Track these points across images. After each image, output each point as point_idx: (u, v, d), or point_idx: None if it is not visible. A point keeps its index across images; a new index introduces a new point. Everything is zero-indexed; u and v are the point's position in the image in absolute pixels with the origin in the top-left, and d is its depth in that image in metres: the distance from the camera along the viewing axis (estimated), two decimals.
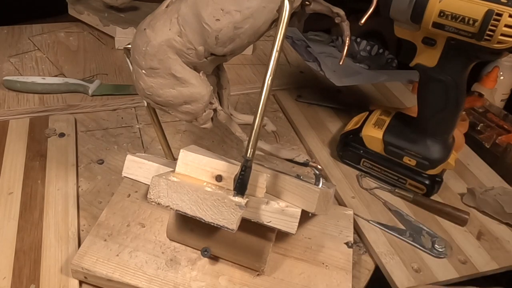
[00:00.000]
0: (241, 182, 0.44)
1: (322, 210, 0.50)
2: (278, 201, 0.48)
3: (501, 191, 0.66)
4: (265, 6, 0.44)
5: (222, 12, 0.45)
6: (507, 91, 1.04)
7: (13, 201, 0.61)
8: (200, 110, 0.51)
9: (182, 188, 0.44)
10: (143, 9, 1.04)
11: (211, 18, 0.45)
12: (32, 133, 0.72)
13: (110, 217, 0.57)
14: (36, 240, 0.56)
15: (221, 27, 0.45)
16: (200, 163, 0.48)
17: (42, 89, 0.81)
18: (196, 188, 0.44)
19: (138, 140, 0.75)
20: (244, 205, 0.43)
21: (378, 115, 0.72)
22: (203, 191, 0.44)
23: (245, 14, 0.45)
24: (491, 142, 0.79)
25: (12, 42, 0.97)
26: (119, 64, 0.93)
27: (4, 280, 0.51)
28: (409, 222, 0.64)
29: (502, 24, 0.52)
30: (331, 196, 0.56)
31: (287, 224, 0.46)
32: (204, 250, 0.51)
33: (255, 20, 0.45)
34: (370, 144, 0.70)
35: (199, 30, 0.46)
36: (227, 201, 0.43)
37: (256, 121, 0.43)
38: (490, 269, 0.59)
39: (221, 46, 0.47)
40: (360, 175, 0.71)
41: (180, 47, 0.47)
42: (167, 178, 0.45)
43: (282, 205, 0.47)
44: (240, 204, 0.43)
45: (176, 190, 0.45)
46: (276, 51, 0.43)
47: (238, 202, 0.43)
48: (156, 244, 0.55)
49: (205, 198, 0.44)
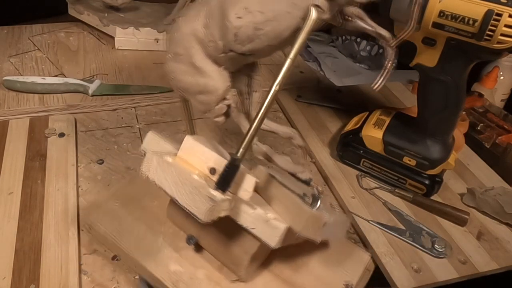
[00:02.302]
0: (223, 178, 0.44)
1: (310, 233, 0.48)
2: (268, 211, 0.47)
3: (501, 191, 0.66)
4: (290, 12, 0.43)
5: (245, 10, 0.44)
6: (507, 91, 1.04)
7: (13, 201, 0.61)
8: (212, 102, 0.51)
9: (168, 168, 0.46)
10: (143, 9, 1.04)
11: (233, 15, 0.45)
12: (32, 133, 0.72)
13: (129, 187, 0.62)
14: (36, 240, 0.56)
15: (241, 25, 0.45)
16: (200, 153, 0.48)
17: (42, 89, 0.81)
18: (181, 172, 0.45)
19: (138, 140, 0.75)
20: (220, 201, 0.43)
21: (378, 115, 0.72)
22: (187, 176, 0.45)
23: (267, 16, 0.44)
24: (491, 142, 0.79)
25: (12, 42, 0.97)
26: (119, 64, 0.93)
27: (4, 280, 0.51)
28: (409, 222, 0.64)
29: (502, 24, 0.52)
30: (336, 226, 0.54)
31: (269, 236, 0.46)
32: (190, 237, 0.52)
33: (277, 24, 0.44)
34: (370, 144, 0.70)
35: (221, 24, 0.46)
36: (202, 191, 0.43)
37: (255, 123, 0.44)
38: (490, 269, 0.59)
39: (239, 44, 0.46)
40: (360, 175, 0.71)
41: (203, 38, 0.48)
42: (161, 157, 0.47)
43: (269, 216, 0.46)
44: (213, 197, 0.42)
45: (163, 169, 0.46)
46: (289, 58, 0.42)
47: (213, 195, 0.43)
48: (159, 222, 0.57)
49: (185, 183, 0.44)
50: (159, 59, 0.96)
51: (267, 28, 0.44)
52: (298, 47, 0.42)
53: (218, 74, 0.49)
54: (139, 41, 0.97)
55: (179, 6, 0.96)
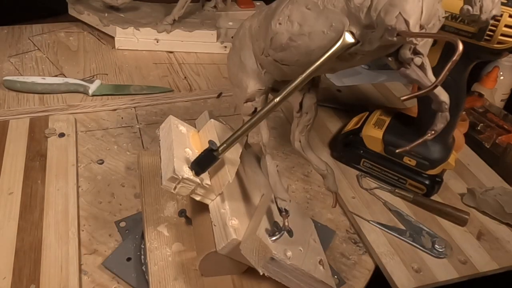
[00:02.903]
0: (197, 161, 0.47)
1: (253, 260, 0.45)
2: (235, 218, 0.48)
3: (501, 191, 0.66)
4: (325, 32, 0.41)
5: (287, 19, 0.43)
6: (507, 91, 1.04)
7: (13, 201, 0.61)
8: (241, 99, 0.51)
9: (169, 134, 0.51)
10: (143, 9, 1.04)
11: (276, 20, 0.44)
12: (32, 133, 0.72)
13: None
14: (36, 240, 0.56)
15: (277, 31, 0.44)
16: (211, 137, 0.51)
17: (42, 89, 0.81)
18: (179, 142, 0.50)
19: (138, 140, 0.75)
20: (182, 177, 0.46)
21: (378, 115, 0.72)
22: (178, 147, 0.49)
23: (303, 30, 0.42)
24: (491, 142, 0.79)
25: (12, 42, 0.97)
26: (119, 64, 0.93)
27: (4, 280, 0.51)
28: (409, 222, 0.64)
29: (502, 24, 0.52)
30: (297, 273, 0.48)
31: (219, 238, 0.47)
32: (182, 211, 0.55)
33: (310, 40, 0.42)
34: (370, 144, 0.70)
35: (267, 27, 0.46)
36: (173, 161, 0.47)
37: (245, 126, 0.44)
38: (490, 269, 0.59)
39: (273, 50, 0.46)
40: (360, 175, 0.71)
41: (254, 35, 0.49)
42: (176, 124, 0.52)
43: (231, 222, 0.47)
44: (177, 171, 0.45)
45: (168, 133, 0.51)
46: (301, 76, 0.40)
47: (177, 168, 0.46)
48: None
49: (169, 150, 0.49)
50: (159, 59, 0.96)
51: (299, 41, 0.43)
52: (315, 67, 0.39)
53: (255, 74, 0.50)
54: (139, 41, 0.97)
55: (179, 6, 0.96)
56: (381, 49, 0.38)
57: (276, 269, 0.46)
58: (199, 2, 1.08)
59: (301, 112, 0.52)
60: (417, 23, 0.34)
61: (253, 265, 0.46)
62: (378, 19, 0.35)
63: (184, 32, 0.98)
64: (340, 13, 0.39)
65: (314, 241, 0.53)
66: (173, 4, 0.98)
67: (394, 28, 0.34)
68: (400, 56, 0.37)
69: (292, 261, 0.46)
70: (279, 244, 0.46)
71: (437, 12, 0.37)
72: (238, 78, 0.51)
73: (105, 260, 0.55)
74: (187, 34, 0.98)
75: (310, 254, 0.50)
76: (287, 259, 0.45)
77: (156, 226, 0.56)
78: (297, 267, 0.46)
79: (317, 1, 0.40)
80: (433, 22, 0.37)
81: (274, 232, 0.46)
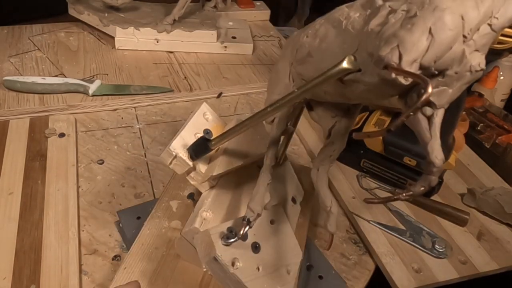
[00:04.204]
0: (192, 146, 0.50)
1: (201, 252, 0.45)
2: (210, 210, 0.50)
3: (501, 191, 0.66)
4: (337, 52, 0.38)
5: (314, 33, 0.41)
6: (507, 91, 1.04)
7: (13, 201, 0.61)
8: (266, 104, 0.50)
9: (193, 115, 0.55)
10: (143, 9, 1.04)
11: (306, 32, 0.43)
12: (32, 133, 0.72)
13: None
14: (36, 241, 0.56)
15: (302, 44, 0.43)
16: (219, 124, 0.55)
17: (42, 89, 0.81)
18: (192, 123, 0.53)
19: (138, 140, 0.75)
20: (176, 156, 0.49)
21: (378, 115, 0.72)
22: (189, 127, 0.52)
23: (321, 47, 0.40)
24: (491, 142, 0.79)
25: (12, 42, 0.97)
26: (119, 64, 0.93)
27: (5, 280, 0.51)
28: (409, 222, 0.64)
29: None
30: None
31: (188, 224, 0.49)
32: (191, 194, 0.60)
33: (322, 57, 0.40)
34: (370, 144, 0.70)
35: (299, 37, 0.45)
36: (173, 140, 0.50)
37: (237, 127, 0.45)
38: (490, 269, 0.59)
39: (295, 61, 0.45)
40: (360, 175, 0.71)
41: (294, 46, 0.47)
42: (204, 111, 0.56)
43: (204, 214, 0.49)
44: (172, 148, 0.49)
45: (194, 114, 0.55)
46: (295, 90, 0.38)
47: (174, 145, 0.49)
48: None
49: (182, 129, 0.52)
50: (159, 59, 0.96)
51: (315, 57, 0.41)
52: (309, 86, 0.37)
53: (283, 85, 0.48)
54: (139, 41, 0.97)
55: (179, 6, 0.96)
56: (384, 85, 0.32)
57: (219, 271, 0.45)
58: (199, 2, 1.08)
59: (328, 140, 0.47)
60: (414, 61, 0.30)
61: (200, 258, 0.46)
62: (376, 47, 0.31)
63: (184, 32, 0.98)
64: (355, 36, 0.36)
65: (287, 272, 0.49)
66: (173, 4, 0.98)
67: (382, 59, 0.30)
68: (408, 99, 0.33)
69: (238, 272, 0.44)
70: (232, 250, 0.44)
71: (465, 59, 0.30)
72: (270, 84, 0.51)
73: (120, 211, 0.61)
74: (187, 34, 0.98)
75: (269, 279, 0.47)
76: (231, 267, 0.44)
77: (170, 199, 0.60)
78: (238, 279, 0.44)
79: (342, 21, 0.38)
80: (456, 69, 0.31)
81: (229, 237, 0.44)
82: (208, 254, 0.44)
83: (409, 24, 0.30)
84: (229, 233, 0.44)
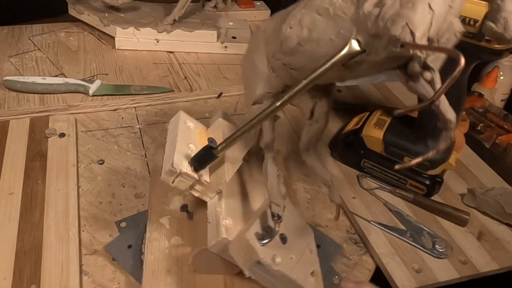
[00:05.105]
0: (196, 158, 0.48)
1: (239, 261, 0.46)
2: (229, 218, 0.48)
3: (501, 191, 0.66)
4: (333, 39, 0.40)
5: (298, 23, 0.43)
6: (507, 91, 1.05)
7: (13, 201, 0.61)
8: (250, 99, 0.51)
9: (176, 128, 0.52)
10: (143, 9, 1.04)
11: (288, 24, 0.44)
12: (33, 133, 0.72)
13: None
14: (36, 241, 0.56)
15: (287, 35, 0.44)
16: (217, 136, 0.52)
17: (42, 89, 0.81)
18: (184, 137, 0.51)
19: (138, 140, 0.75)
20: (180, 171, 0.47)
21: (379, 115, 0.72)
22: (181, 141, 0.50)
23: (312, 36, 0.42)
24: (491, 142, 0.79)
25: (12, 42, 0.96)
26: (120, 64, 0.93)
27: (5, 280, 0.51)
28: (410, 222, 0.64)
29: None
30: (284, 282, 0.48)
31: (212, 236, 0.48)
32: (184, 206, 0.57)
33: (318, 46, 0.41)
34: (370, 144, 0.70)
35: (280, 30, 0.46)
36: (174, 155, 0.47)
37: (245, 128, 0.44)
38: (490, 269, 0.59)
39: (281, 53, 0.46)
40: (361, 175, 0.71)
41: (267, 38, 0.48)
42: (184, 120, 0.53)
43: (225, 222, 0.48)
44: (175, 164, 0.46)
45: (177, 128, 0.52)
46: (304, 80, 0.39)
47: (176, 162, 0.47)
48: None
49: (172, 144, 0.49)
50: (159, 59, 0.96)
51: (307, 47, 0.42)
52: (318, 73, 0.38)
53: (265, 77, 0.49)
54: (139, 41, 0.97)
55: (180, 6, 0.96)
56: (388, 61, 0.36)
57: (262, 273, 0.45)
58: (199, 2, 1.08)
59: (312, 120, 0.50)
60: (424, 36, 0.33)
61: (240, 267, 0.46)
62: (384, 29, 0.34)
63: (184, 32, 0.98)
64: (349, 20, 0.38)
65: (310, 251, 0.52)
66: (173, 4, 0.98)
67: (398, 39, 0.33)
68: (409, 69, 0.36)
69: (280, 267, 0.45)
70: (269, 249, 0.45)
71: (452, 26, 0.35)
72: (249, 80, 0.51)
73: (107, 245, 0.57)
74: (187, 34, 0.98)
75: (302, 263, 0.49)
76: (275, 265, 0.45)
77: (159, 217, 0.57)
78: (284, 274, 0.45)
79: (328, 7, 0.39)
80: (447, 36, 0.35)
81: (264, 236, 0.45)
82: (249, 260, 0.44)
83: (410, 3, 0.33)
84: (264, 233, 0.45)
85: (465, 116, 0.82)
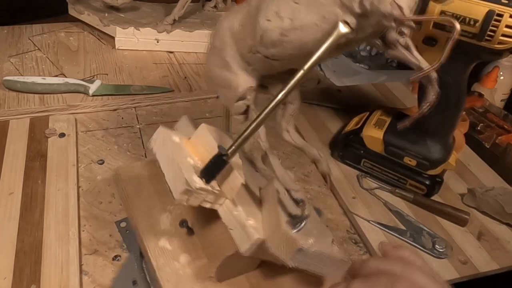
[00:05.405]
0: (207, 168, 0.45)
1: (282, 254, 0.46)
2: (251, 217, 0.47)
3: (501, 191, 0.66)
4: (318, 24, 0.41)
5: (276, 15, 0.43)
6: (507, 91, 1.05)
7: (13, 201, 0.61)
8: (231, 98, 0.51)
9: (166, 146, 0.48)
10: (143, 9, 1.04)
11: (263, 17, 0.44)
12: (33, 133, 0.72)
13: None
14: (36, 241, 0.56)
15: (267, 28, 0.44)
16: (206, 142, 0.50)
17: (42, 89, 0.81)
18: (178, 153, 0.47)
19: (138, 140, 0.75)
20: (196, 187, 0.44)
21: (379, 115, 0.72)
22: (180, 157, 0.47)
23: (295, 24, 0.42)
24: (491, 142, 0.79)
25: (12, 42, 0.96)
26: (120, 64, 0.93)
27: (5, 280, 0.51)
28: (410, 222, 0.64)
29: (503, 24, 0.52)
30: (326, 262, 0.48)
31: (241, 241, 0.46)
32: (183, 221, 0.54)
33: (303, 34, 0.42)
34: (370, 144, 0.70)
35: (254, 24, 0.46)
36: (181, 174, 0.44)
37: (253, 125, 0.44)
38: (490, 269, 0.59)
39: (263, 47, 0.46)
40: (361, 175, 0.71)
41: (236, 34, 0.48)
42: (169, 135, 0.49)
43: (249, 222, 0.46)
44: (190, 181, 0.44)
45: (163, 144, 0.49)
46: (303, 69, 0.40)
47: (189, 179, 0.44)
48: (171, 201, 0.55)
49: (172, 163, 0.46)
50: (159, 59, 0.96)
51: (292, 36, 0.43)
52: (314, 60, 0.40)
53: (243, 72, 0.49)
54: (139, 41, 0.97)
55: (180, 6, 0.96)
56: (372, 35, 0.41)
57: (302, 258, 0.46)
58: (199, 2, 1.08)
59: (285, 103, 0.52)
60: (408, 8, 0.37)
61: (282, 260, 0.46)
62: (373, 8, 0.37)
63: (185, 32, 0.98)
64: (331, 4, 0.40)
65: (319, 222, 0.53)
66: (173, 4, 0.98)
67: (390, 14, 0.37)
68: (387, 38, 0.40)
69: (315, 247, 0.46)
70: (301, 235, 0.47)
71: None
72: (224, 79, 0.50)
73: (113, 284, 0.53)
74: (188, 34, 0.98)
75: (323, 236, 0.50)
76: (312, 247, 0.46)
77: (157, 241, 0.53)
78: (320, 252, 0.47)
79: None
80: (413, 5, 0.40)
81: (296, 224, 0.47)
82: (290, 251, 0.45)
83: None
84: (295, 220, 0.47)
85: (465, 116, 0.82)
